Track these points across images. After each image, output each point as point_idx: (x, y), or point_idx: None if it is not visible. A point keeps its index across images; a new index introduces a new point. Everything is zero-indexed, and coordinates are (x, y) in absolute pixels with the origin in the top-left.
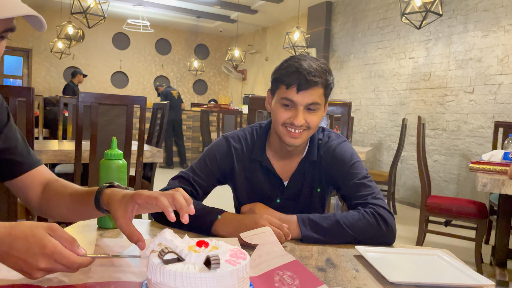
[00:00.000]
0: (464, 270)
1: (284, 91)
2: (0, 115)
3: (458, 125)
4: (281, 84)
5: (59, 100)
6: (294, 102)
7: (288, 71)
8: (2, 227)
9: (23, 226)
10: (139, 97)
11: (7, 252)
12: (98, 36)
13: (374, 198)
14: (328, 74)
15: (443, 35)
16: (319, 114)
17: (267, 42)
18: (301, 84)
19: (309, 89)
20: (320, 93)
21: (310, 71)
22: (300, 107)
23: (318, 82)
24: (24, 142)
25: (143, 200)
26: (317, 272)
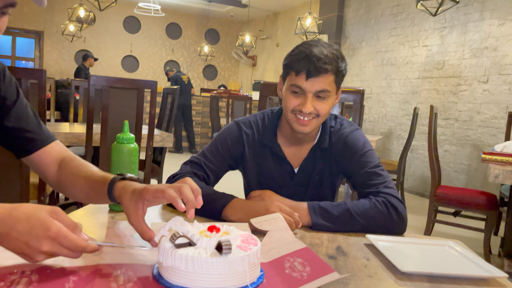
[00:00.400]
0: (477, 261)
1: (293, 78)
2: (9, 92)
3: (470, 115)
4: (291, 70)
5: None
6: (303, 89)
7: (298, 57)
8: (2, 207)
9: (24, 207)
10: (150, 81)
11: (7, 234)
12: (109, 19)
13: (385, 187)
14: (340, 60)
15: (458, 23)
16: (329, 102)
17: (278, 27)
18: (310, 71)
19: (319, 76)
20: (330, 80)
21: (320, 58)
22: (309, 94)
23: (328, 69)
24: (36, 118)
25: (151, 195)
26: (328, 260)
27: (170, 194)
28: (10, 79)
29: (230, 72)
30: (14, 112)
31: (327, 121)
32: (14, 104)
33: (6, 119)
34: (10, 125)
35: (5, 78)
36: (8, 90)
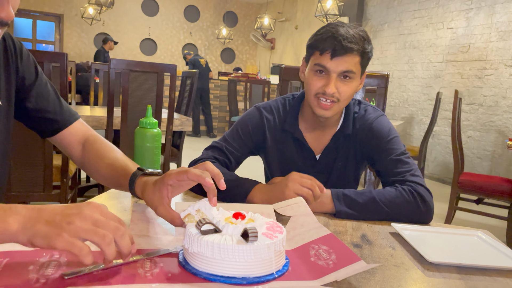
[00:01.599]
0: (507, 252)
1: (317, 57)
2: (28, 72)
3: (496, 100)
4: (315, 50)
5: (91, 66)
6: (328, 68)
7: (323, 36)
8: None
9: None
10: (169, 65)
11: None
12: (128, 2)
13: (412, 175)
14: (367, 42)
15: (485, 4)
16: (353, 85)
17: (298, 9)
18: (336, 49)
19: (344, 55)
20: (355, 61)
21: (347, 37)
22: (333, 74)
23: (354, 48)
24: (58, 98)
25: (174, 179)
26: (353, 248)
27: (194, 172)
28: (27, 57)
29: (248, 55)
30: (35, 92)
31: (350, 107)
32: (34, 84)
33: (27, 100)
34: (31, 106)
35: (23, 57)
36: (27, 70)
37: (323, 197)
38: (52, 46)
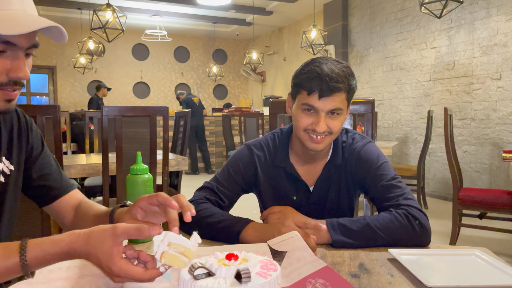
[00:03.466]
0: (505, 269)
1: (305, 97)
2: (36, 143)
3: (487, 113)
4: (302, 89)
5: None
6: (316, 108)
7: (309, 76)
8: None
9: (94, 239)
10: (161, 108)
11: (87, 257)
12: (118, 48)
13: (405, 198)
14: (351, 77)
15: (465, 22)
16: (341, 119)
17: (284, 42)
18: (323, 90)
19: (332, 95)
20: (342, 98)
21: (332, 77)
22: (322, 113)
23: (341, 88)
24: (58, 167)
25: (145, 201)
26: (351, 278)
27: (162, 195)
28: (36, 130)
29: (240, 89)
30: (40, 162)
31: (338, 137)
32: (40, 154)
33: (33, 169)
34: (36, 175)
35: (33, 130)
36: (35, 141)
37: (318, 228)
38: (47, 98)
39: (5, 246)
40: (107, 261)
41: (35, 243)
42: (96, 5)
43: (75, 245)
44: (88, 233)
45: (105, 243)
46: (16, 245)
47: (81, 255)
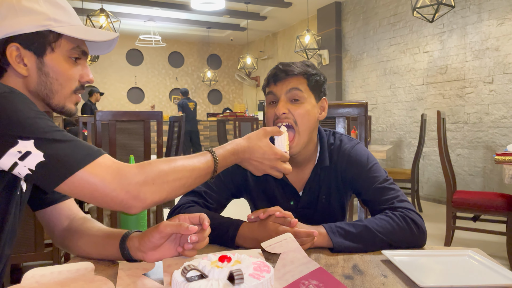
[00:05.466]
0: (498, 269)
1: (267, 90)
2: None
3: (479, 116)
4: (265, 87)
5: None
6: (275, 93)
7: (268, 73)
8: (241, 141)
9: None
10: (155, 112)
11: (249, 158)
12: (112, 54)
13: (400, 201)
14: (311, 68)
15: (457, 27)
16: (305, 107)
17: (279, 47)
18: (277, 74)
19: (286, 77)
20: (301, 82)
21: (287, 64)
22: (282, 96)
23: (295, 70)
24: None
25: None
26: (344, 280)
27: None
28: None
29: (234, 94)
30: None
31: (324, 138)
32: None
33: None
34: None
35: None
36: None
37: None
38: None
39: (199, 153)
40: (269, 149)
41: (216, 148)
42: (90, 10)
43: (242, 146)
44: (247, 137)
45: (262, 139)
46: (206, 151)
47: (246, 153)
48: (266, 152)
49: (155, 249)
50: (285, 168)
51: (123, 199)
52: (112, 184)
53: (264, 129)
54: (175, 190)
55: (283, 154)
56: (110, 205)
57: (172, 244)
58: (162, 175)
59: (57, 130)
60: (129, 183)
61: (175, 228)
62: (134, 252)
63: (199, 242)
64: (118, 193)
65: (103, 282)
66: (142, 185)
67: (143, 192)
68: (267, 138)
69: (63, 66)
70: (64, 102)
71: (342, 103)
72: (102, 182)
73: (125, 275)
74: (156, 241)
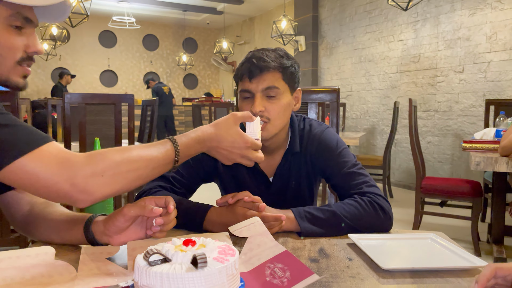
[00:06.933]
0: (458, 252)
1: (240, 84)
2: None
3: (449, 105)
4: (238, 79)
5: (47, 102)
6: (250, 90)
7: (241, 64)
8: (207, 128)
9: (223, 126)
10: (126, 95)
11: (216, 147)
12: (84, 35)
13: (368, 186)
14: (285, 58)
15: (430, 16)
16: (281, 102)
17: (256, 32)
18: (251, 71)
19: (261, 74)
20: (276, 77)
21: (260, 57)
22: (257, 94)
23: (270, 66)
24: None
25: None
26: (310, 263)
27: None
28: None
29: (211, 79)
30: None
31: (295, 124)
32: None
33: None
34: None
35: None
36: None
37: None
38: None
39: (159, 142)
40: (239, 137)
41: (179, 136)
42: None
43: (209, 133)
44: (215, 123)
45: (231, 126)
46: (166, 139)
47: (212, 141)
48: (236, 140)
49: (121, 233)
50: (256, 157)
51: (68, 191)
52: (56, 175)
53: (234, 114)
54: (129, 182)
55: (254, 142)
56: (54, 197)
57: (138, 227)
58: (113, 166)
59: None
60: (75, 175)
61: (139, 210)
62: (100, 236)
63: (165, 224)
64: (62, 185)
65: (64, 267)
66: (90, 177)
67: (91, 185)
68: (237, 124)
69: (3, 36)
70: (8, 75)
71: (314, 88)
72: (44, 172)
73: (88, 260)
74: (121, 224)
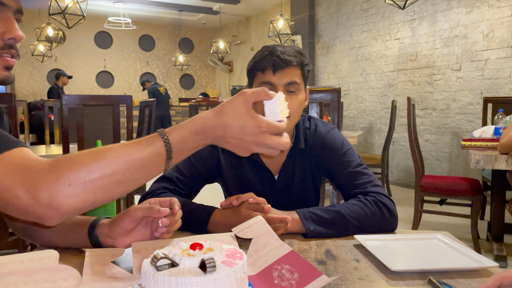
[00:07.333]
0: (466, 252)
1: (261, 76)
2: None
3: (447, 103)
4: (256, 71)
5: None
6: (273, 83)
7: (261, 56)
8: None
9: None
10: (124, 96)
11: (223, 136)
12: (80, 36)
13: (373, 186)
14: (303, 56)
15: (427, 14)
16: (299, 98)
17: (252, 31)
18: (276, 64)
19: (286, 68)
20: (297, 73)
21: (284, 51)
22: (279, 87)
23: (293, 61)
24: None
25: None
26: (317, 265)
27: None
28: (6, 120)
29: (207, 79)
30: None
31: (300, 122)
32: None
33: None
34: None
35: (3, 120)
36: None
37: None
38: (3, 88)
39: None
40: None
41: (172, 128)
42: None
43: (210, 121)
44: (218, 108)
45: (239, 108)
46: (154, 134)
47: (216, 130)
48: (246, 124)
49: (126, 235)
50: (278, 142)
51: (29, 205)
52: (14, 188)
53: (243, 92)
54: (105, 190)
55: (271, 124)
56: (15, 213)
57: (143, 229)
58: (83, 172)
59: None
60: (35, 186)
61: (145, 211)
62: (104, 239)
63: (171, 225)
64: (21, 199)
65: (68, 272)
66: (54, 188)
67: (56, 198)
68: (247, 105)
69: None
70: None
71: (315, 88)
72: (1, 184)
73: (92, 263)
74: (127, 226)
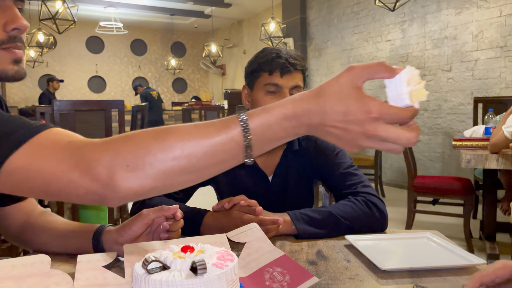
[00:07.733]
0: (455, 250)
1: (267, 78)
2: None
3: (438, 103)
4: (262, 72)
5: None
6: (280, 85)
7: (268, 58)
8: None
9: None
10: (116, 101)
11: (320, 124)
12: (71, 41)
13: (363, 186)
14: (304, 60)
15: (417, 16)
16: None
17: (244, 35)
18: (285, 67)
19: (293, 72)
20: (300, 78)
21: (291, 55)
22: (286, 90)
23: (299, 66)
24: None
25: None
26: (308, 266)
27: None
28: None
29: (200, 83)
30: None
31: None
32: None
33: None
34: None
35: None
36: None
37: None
38: None
39: (220, 119)
40: (356, 103)
41: (255, 109)
42: None
43: (304, 104)
44: (317, 88)
45: (344, 88)
46: (233, 115)
47: (312, 116)
48: (351, 109)
49: (134, 241)
50: (398, 135)
51: (90, 189)
52: (67, 173)
53: (351, 68)
54: (167, 176)
55: (385, 108)
56: (77, 200)
57: (146, 238)
58: (141, 153)
59: None
60: (90, 167)
61: (157, 211)
62: (110, 245)
63: (173, 232)
64: (78, 183)
65: (61, 277)
66: (111, 168)
67: (115, 178)
68: (356, 83)
69: None
70: None
71: None
72: (50, 170)
73: (84, 268)
74: (139, 229)
